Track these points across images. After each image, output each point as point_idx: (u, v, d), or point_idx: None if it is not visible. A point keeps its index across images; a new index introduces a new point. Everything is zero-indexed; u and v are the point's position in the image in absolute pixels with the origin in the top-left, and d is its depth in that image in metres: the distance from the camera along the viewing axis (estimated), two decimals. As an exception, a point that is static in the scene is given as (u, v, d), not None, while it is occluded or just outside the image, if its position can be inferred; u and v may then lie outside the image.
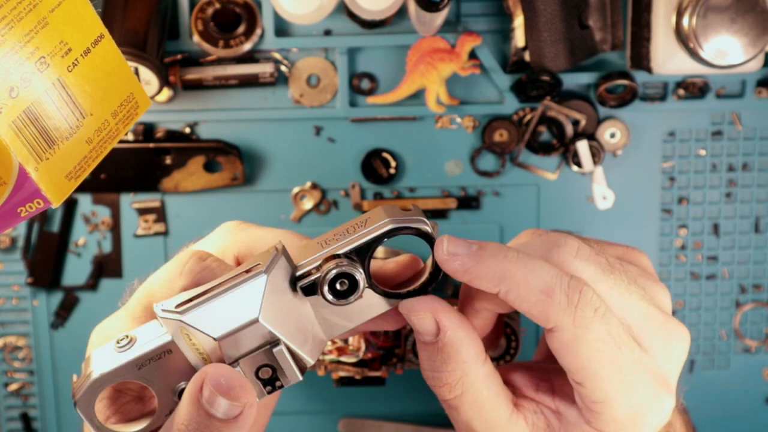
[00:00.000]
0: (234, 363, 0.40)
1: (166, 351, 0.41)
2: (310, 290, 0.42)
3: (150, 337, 0.42)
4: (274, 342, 0.40)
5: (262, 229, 0.50)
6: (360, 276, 0.41)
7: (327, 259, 0.41)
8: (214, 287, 0.41)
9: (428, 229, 0.41)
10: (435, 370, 0.41)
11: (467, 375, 0.41)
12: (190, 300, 0.40)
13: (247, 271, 0.41)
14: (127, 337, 0.42)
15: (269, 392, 0.42)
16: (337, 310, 0.43)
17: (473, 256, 0.40)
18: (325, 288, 0.41)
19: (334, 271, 0.40)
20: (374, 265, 0.44)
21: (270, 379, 0.41)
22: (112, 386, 0.44)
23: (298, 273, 0.42)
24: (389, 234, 0.41)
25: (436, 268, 0.42)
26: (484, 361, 0.42)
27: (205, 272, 0.44)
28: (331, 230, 0.45)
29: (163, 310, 0.41)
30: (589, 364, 0.39)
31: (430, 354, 0.41)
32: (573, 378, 0.40)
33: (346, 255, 0.41)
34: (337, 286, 0.41)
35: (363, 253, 0.41)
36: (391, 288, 0.43)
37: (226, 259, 0.48)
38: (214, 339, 0.40)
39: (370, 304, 0.43)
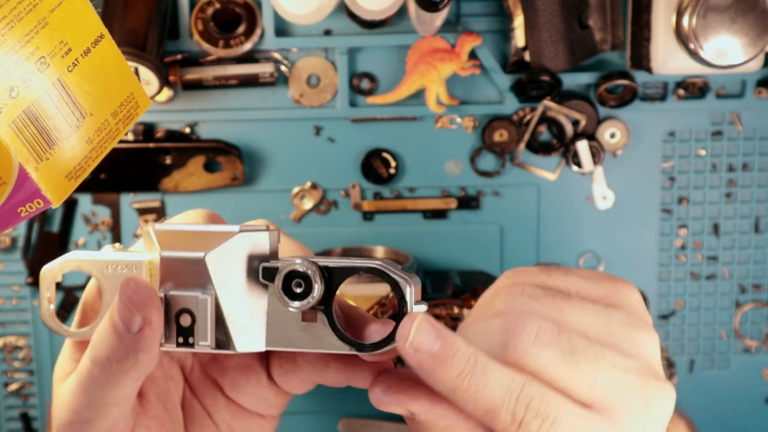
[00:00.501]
0: (162, 293, 0.40)
1: (135, 266, 0.42)
2: (267, 275, 0.41)
3: (132, 253, 0.43)
4: (206, 291, 0.41)
5: None
6: (317, 287, 0.40)
7: (300, 258, 0.40)
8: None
9: (405, 293, 0.39)
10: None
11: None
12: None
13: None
14: (116, 246, 0.44)
15: (178, 345, 0.41)
16: (286, 324, 0.41)
17: (433, 358, 0.38)
18: (280, 277, 0.40)
19: (298, 266, 0.40)
20: (349, 308, 0.42)
21: (184, 330, 0.40)
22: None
23: (270, 261, 0.41)
24: (370, 270, 0.39)
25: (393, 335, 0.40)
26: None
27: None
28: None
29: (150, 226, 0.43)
30: None
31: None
32: None
33: (320, 266, 0.40)
34: (292, 285, 0.40)
35: (336, 276, 0.40)
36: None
37: None
38: (160, 256, 0.41)
39: (320, 336, 0.41)
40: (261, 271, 0.41)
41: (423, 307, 0.39)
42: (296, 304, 0.40)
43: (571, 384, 0.39)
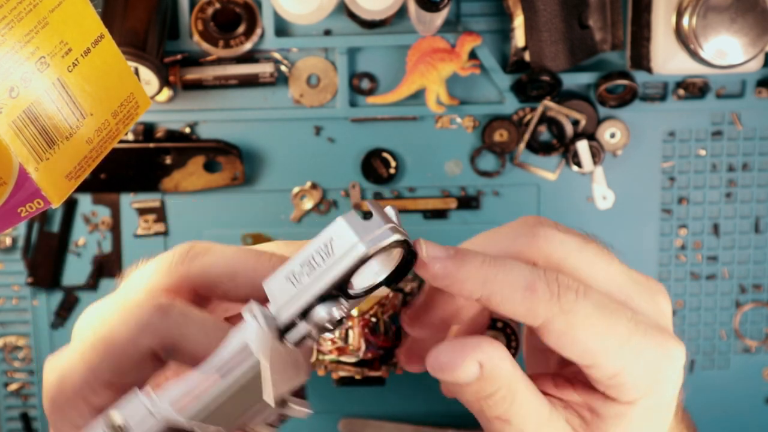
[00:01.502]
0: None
1: None
2: (300, 342, 0.40)
3: None
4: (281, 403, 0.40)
5: (216, 253, 0.43)
6: (345, 312, 0.39)
7: (310, 307, 0.38)
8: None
9: (403, 238, 0.37)
10: (483, 400, 0.40)
11: (512, 387, 0.40)
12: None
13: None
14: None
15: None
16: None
17: (453, 259, 0.39)
18: (319, 337, 0.40)
19: (326, 323, 0.39)
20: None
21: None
22: None
23: (282, 324, 0.39)
24: (364, 261, 0.38)
25: (401, 270, 0.39)
26: (516, 365, 0.41)
27: (172, 330, 0.39)
28: (294, 255, 0.42)
29: None
30: (591, 343, 0.39)
31: (474, 390, 0.39)
32: (582, 364, 0.40)
33: (324, 296, 0.38)
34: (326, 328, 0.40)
35: (341, 286, 0.39)
36: None
37: (179, 296, 0.43)
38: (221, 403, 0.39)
39: None
40: (289, 344, 0.40)
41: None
42: (337, 331, 0.40)
43: (593, 272, 0.41)
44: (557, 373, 0.44)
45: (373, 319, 0.68)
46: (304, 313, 0.39)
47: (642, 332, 0.40)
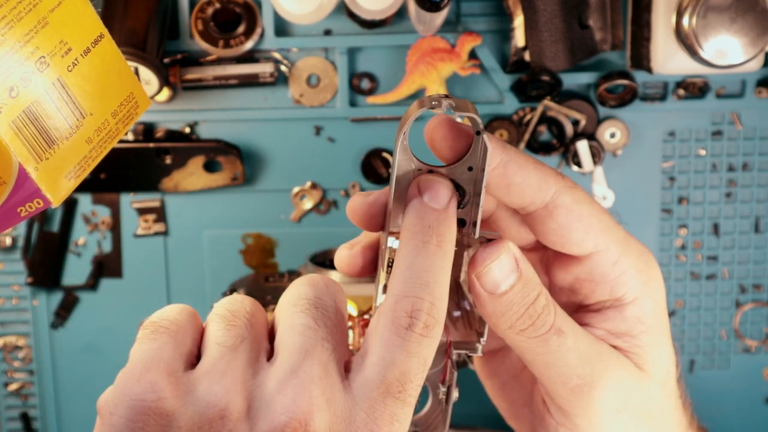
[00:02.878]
0: None
1: None
2: None
3: None
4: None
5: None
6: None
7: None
8: None
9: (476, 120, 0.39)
10: (530, 310, 0.40)
11: (548, 294, 0.40)
12: None
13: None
14: None
15: None
16: None
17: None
18: None
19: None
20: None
21: None
22: None
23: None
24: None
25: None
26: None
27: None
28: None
29: None
30: (596, 222, 0.40)
31: (518, 297, 0.40)
32: (587, 248, 0.41)
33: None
34: None
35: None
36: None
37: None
38: None
39: None
40: None
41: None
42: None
43: None
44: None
45: (373, 319, 0.68)
46: None
47: (629, 234, 0.42)
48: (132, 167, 0.78)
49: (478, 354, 0.42)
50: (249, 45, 0.75)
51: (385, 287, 0.41)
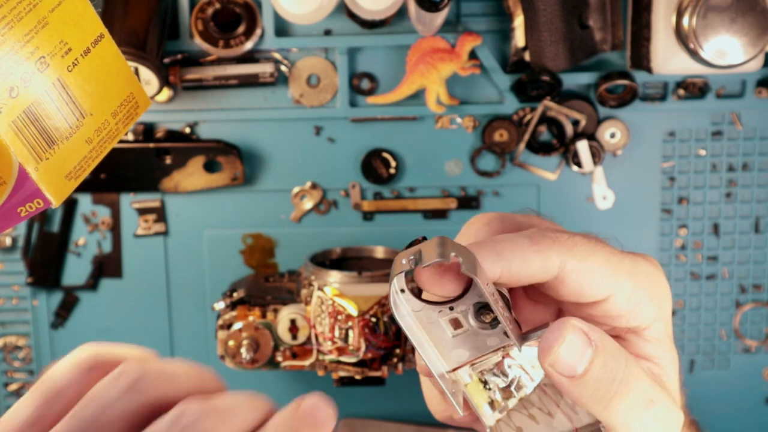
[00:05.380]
0: None
1: None
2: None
3: None
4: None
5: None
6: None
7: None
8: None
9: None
10: (616, 376, 0.39)
11: (622, 351, 0.40)
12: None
13: None
14: None
15: None
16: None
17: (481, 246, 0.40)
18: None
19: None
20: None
21: None
22: None
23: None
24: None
25: None
26: None
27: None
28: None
29: None
30: (605, 271, 0.40)
31: (601, 373, 0.38)
32: (601, 298, 0.41)
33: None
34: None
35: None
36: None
37: None
38: None
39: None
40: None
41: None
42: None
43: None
44: None
45: (373, 319, 0.68)
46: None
47: (631, 257, 0.42)
48: (132, 167, 0.78)
49: None
50: (249, 45, 0.75)
51: (493, 404, 0.41)
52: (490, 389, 0.42)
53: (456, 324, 0.40)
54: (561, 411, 0.42)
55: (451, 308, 0.40)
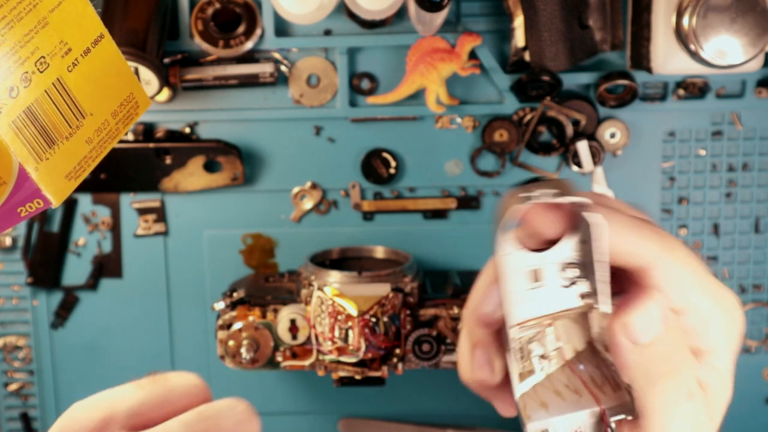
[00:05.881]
0: None
1: None
2: None
3: None
4: None
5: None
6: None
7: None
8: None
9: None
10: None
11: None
12: None
13: None
14: None
15: None
16: None
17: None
18: None
19: None
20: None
21: None
22: None
23: None
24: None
25: None
26: None
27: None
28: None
29: None
30: (689, 281, 0.40)
31: (662, 352, 0.39)
32: (676, 309, 0.40)
33: None
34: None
35: None
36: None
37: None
38: None
39: None
40: None
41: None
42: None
43: None
44: None
45: (373, 319, 0.68)
46: None
47: (719, 283, 0.41)
48: (132, 167, 0.78)
49: (636, 416, 0.40)
50: (249, 45, 0.75)
51: (520, 375, 0.41)
52: (523, 357, 0.41)
53: (535, 277, 0.40)
54: (588, 390, 0.42)
55: (544, 257, 0.39)
